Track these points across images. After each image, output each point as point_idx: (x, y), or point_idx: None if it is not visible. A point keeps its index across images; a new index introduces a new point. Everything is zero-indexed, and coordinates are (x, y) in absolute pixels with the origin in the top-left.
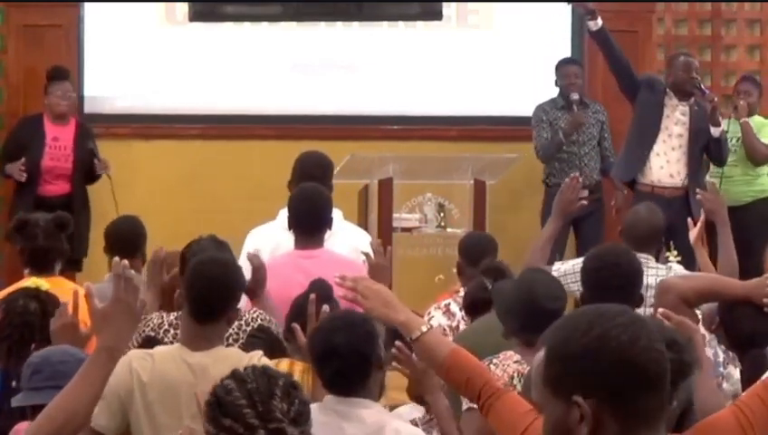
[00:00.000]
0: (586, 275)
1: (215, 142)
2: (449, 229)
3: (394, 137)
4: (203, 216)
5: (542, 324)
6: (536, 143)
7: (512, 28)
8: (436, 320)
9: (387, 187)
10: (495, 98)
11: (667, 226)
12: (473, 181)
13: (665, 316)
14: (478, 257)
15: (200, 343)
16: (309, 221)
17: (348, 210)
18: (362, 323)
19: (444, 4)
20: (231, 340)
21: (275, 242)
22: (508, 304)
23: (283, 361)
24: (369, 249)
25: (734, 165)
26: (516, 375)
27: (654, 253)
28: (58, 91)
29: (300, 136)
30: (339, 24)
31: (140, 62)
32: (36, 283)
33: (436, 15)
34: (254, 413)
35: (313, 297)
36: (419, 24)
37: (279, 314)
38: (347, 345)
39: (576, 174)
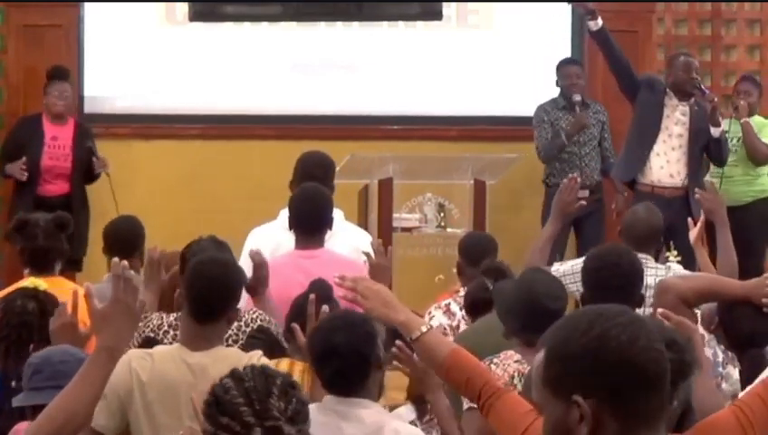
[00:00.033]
0: (586, 276)
1: (215, 142)
2: (449, 229)
3: (394, 137)
4: (203, 216)
5: (542, 324)
6: (538, 144)
7: (512, 28)
8: (437, 319)
9: (387, 187)
10: (495, 98)
11: (667, 226)
12: (473, 181)
13: (664, 316)
14: (478, 257)
15: (200, 342)
16: (309, 221)
17: (348, 210)
18: (362, 323)
19: (444, 4)
20: (230, 341)
21: (276, 242)
22: (509, 304)
23: (283, 361)
24: (370, 249)
25: (735, 165)
26: (517, 375)
27: (653, 253)
28: (55, 92)
29: (300, 136)
30: (339, 24)
31: (140, 62)
32: (34, 283)
33: (436, 15)
34: (250, 411)
35: (313, 297)
36: (419, 24)
37: (279, 314)
38: (346, 345)
39: (574, 175)
